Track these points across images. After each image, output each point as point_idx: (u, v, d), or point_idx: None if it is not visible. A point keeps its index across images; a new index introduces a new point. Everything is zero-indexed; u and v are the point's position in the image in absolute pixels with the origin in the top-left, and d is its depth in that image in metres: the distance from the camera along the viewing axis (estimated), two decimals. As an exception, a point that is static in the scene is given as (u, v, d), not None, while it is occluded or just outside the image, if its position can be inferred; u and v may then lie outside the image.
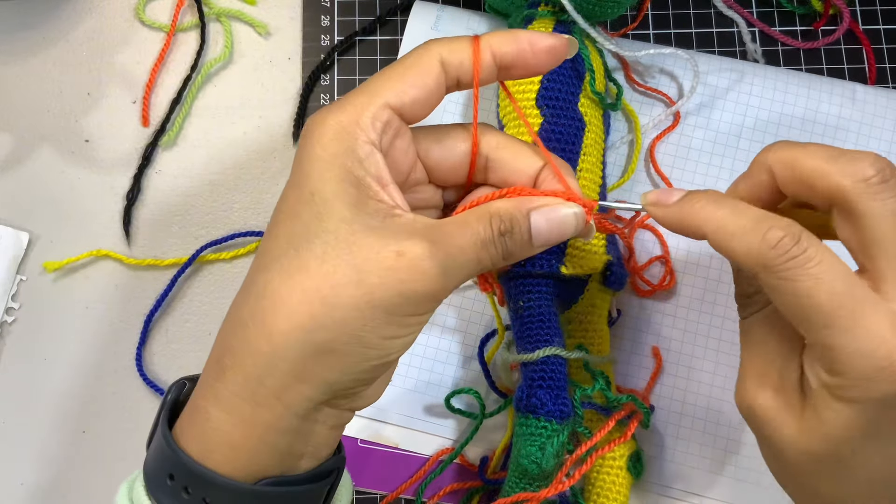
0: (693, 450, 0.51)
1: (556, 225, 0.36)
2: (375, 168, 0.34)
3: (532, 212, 0.36)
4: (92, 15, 0.61)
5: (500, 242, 0.35)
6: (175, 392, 0.37)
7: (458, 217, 0.35)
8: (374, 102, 0.34)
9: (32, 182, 0.58)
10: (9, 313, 0.56)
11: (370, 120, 0.34)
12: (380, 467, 0.52)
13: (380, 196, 0.34)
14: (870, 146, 0.55)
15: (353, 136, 0.34)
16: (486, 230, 0.35)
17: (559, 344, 0.46)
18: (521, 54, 0.36)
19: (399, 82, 0.35)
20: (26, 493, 0.54)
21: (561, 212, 0.36)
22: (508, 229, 0.35)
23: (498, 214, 0.35)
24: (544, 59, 0.36)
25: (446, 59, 0.35)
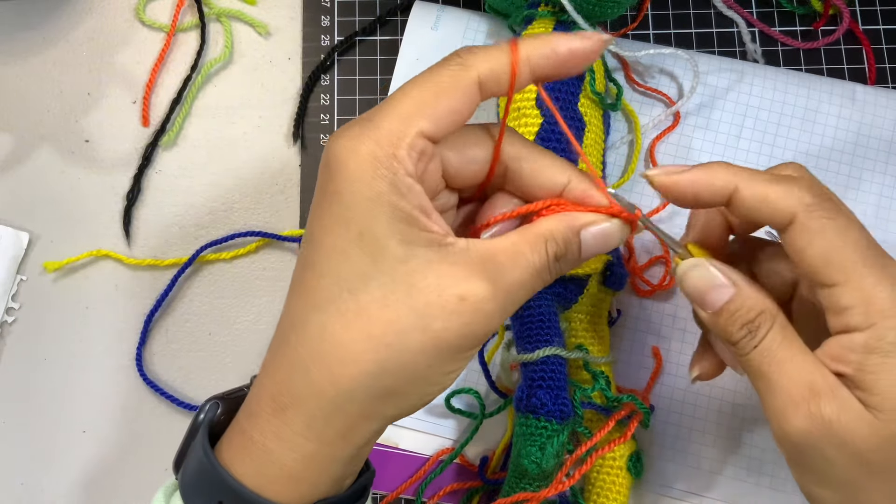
0: (693, 450, 0.51)
1: (603, 240, 0.36)
2: (418, 199, 0.33)
3: (582, 230, 0.36)
4: (92, 15, 0.61)
5: (554, 268, 0.35)
6: (210, 413, 0.37)
7: (510, 245, 0.34)
8: (409, 132, 0.33)
9: (32, 182, 0.58)
10: (9, 313, 0.56)
11: (407, 151, 0.33)
12: (380, 467, 0.52)
13: (429, 227, 0.33)
14: (869, 146, 0.55)
15: (393, 170, 0.32)
16: (541, 258, 0.34)
17: (559, 344, 0.46)
18: (561, 65, 0.35)
19: (433, 107, 0.33)
20: (26, 493, 0.54)
21: (607, 227, 0.36)
22: (563, 253, 0.35)
23: (553, 238, 0.35)
24: (584, 63, 0.35)
25: (484, 80, 0.34)
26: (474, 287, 0.33)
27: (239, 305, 0.56)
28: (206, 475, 0.35)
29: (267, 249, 0.57)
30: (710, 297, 0.37)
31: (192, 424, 0.37)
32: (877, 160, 0.54)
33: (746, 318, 0.36)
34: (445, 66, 0.34)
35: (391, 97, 0.34)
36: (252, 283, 0.57)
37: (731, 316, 0.36)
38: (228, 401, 0.37)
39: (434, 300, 0.32)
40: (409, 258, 0.32)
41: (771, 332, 0.36)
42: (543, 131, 0.48)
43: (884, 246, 0.36)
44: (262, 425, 0.34)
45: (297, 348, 0.33)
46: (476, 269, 0.33)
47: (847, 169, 0.54)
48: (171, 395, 0.54)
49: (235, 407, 0.37)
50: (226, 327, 0.56)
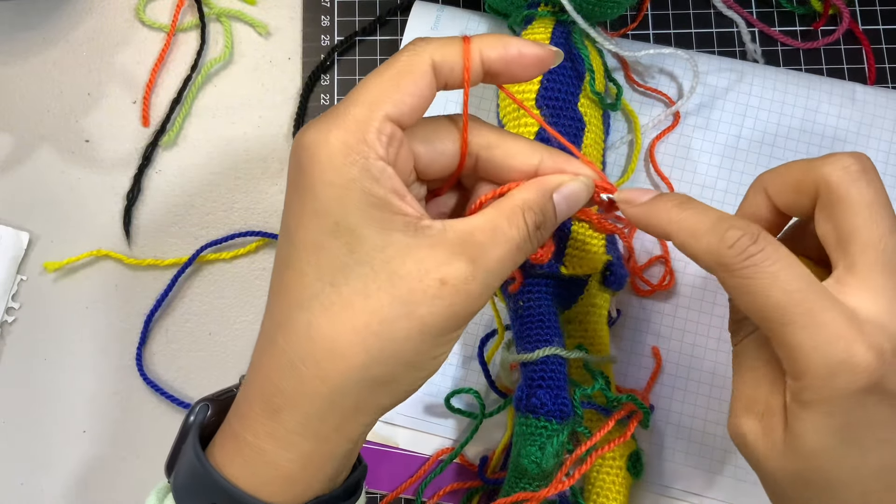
0: (693, 450, 0.51)
1: (574, 200, 0.37)
2: (391, 182, 0.33)
3: (554, 193, 0.36)
4: (92, 15, 0.61)
5: (535, 237, 0.35)
6: (200, 415, 0.37)
7: (486, 221, 0.34)
8: (375, 116, 0.33)
9: (32, 182, 0.58)
10: (9, 313, 0.56)
11: (376, 135, 0.33)
12: (379, 467, 0.52)
13: (404, 210, 0.33)
14: (870, 146, 0.55)
15: (363, 155, 0.33)
16: (520, 231, 0.35)
17: (559, 344, 0.46)
18: (509, 64, 0.36)
19: (395, 91, 0.34)
20: (26, 493, 0.54)
21: (574, 186, 0.37)
22: (542, 221, 0.36)
23: (530, 208, 0.35)
24: (532, 69, 0.36)
25: (438, 63, 0.35)
26: (455, 269, 0.33)
27: (239, 305, 0.56)
28: (198, 478, 0.35)
29: (267, 249, 0.57)
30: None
31: (183, 426, 0.37)
32: (877, 160, 0.54)
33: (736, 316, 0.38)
34: (401, 54, 0.35)
35: (354, 90, 0.35)
36: (252, 283, 0.57)
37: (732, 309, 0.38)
38: (218, 402, 0.37)
39: (416, 286, 0.32)
40: (386, 245, 0.33)
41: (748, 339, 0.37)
42: (543, 130, 0.48)
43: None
44: (255, 427, 0.34)
45: (284, 348, 0.33)
46: (455, 249, 0.33)
47: (847, 169, 0.54)
48: (171, 395, 0.54)
49: (226, 408, 0.37)
50: (226, 327, 0.56)
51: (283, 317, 0.34)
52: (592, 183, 0.38)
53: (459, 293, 0.33)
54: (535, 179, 0.37)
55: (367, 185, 0.33)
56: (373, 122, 0.33)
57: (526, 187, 0.36)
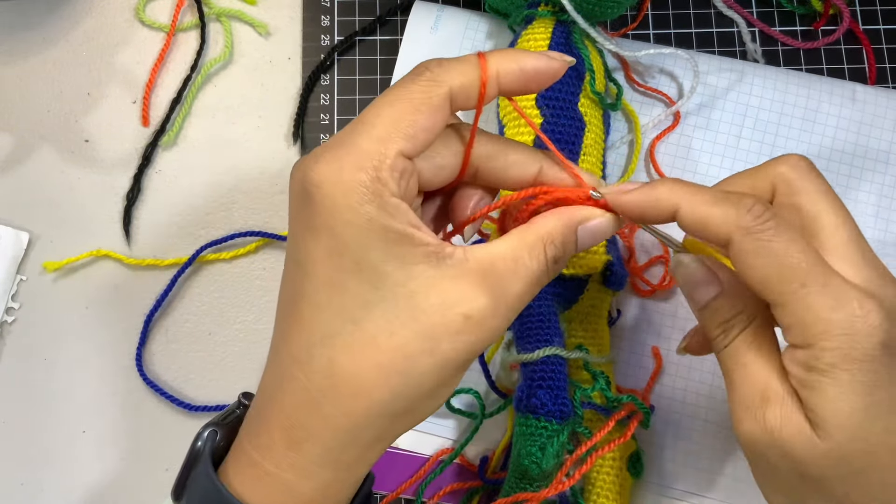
0: (693, 450, 0.51)
1: (599, 235, 0.37)
2: (406, 217, 0.33)
3: (580, 227, 0.36)
4: (92, 15, 0.61)
5: (552, 270, 0.35)
6: (210, 442, 0.36)
7: (508, 250, 0.34)
8: (388, 153, 0.33)
9: (32, 182, 0.58)
10: (9, 313, 0.56)
11: (389, 173, 0.33)
12: (380, 467, 0.52)
13: (424, 240, 0.33)
14: (869, 146, 0.55)
15: (378, 193, 0.32)
16: (539, 264, 0.35)
17: (559, 344, 0.46)
18: (526, 82, 0.36)
19: (410, 125, 0.33)
20: (26, 493, 0.54)
21: (602, 224, 0.37)
22: (561, 255, 0.35)
23: (552, 241, 0.35)
24: (546, 82, 0.36)
25: (455, 94, 0.34)
26: (477, 304, 0.33)
27: (239, 305, 0.56)
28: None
29: (267, 249, 0.57)
30: (697, 293, 0.38)
31: (191, 453, 0.37)
32: (877, 160, 0.54)
33: (723, 318, 0.37)
34: (416, 80, 0.34)
35: (364, 117, 0.34)
36: (252, 283, 0.57)
37: (713, 314, 0.37)
38: (225, 426, 0.37)
39: (439, 321, 0.33)
40: (408, 279, 0.33)
41: (743, 334, 0.36)
42: (543, 130, 0.48)
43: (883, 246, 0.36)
44: (276, 458, 0.34)
45: (306, 385, 0.34)
46: (477, 281, 0.33)
47: (847, 169, 0.54)
48: (171, 395, 0.54)
49: (230, 432, 0.37)
50: (226, 327, 0.56)
51: (301, 352, 0.34)
52: (620, 220, 0.37)
53: (482, 329, 0.33)
54: (560, 210, 0.36)
55: (386, 223, 0.32)
56: (386, 160, 0.33)
57: (550, 216, 0.36)
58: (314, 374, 0.33)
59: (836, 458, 0.33)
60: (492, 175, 0.37)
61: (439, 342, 0.33)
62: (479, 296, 0.33)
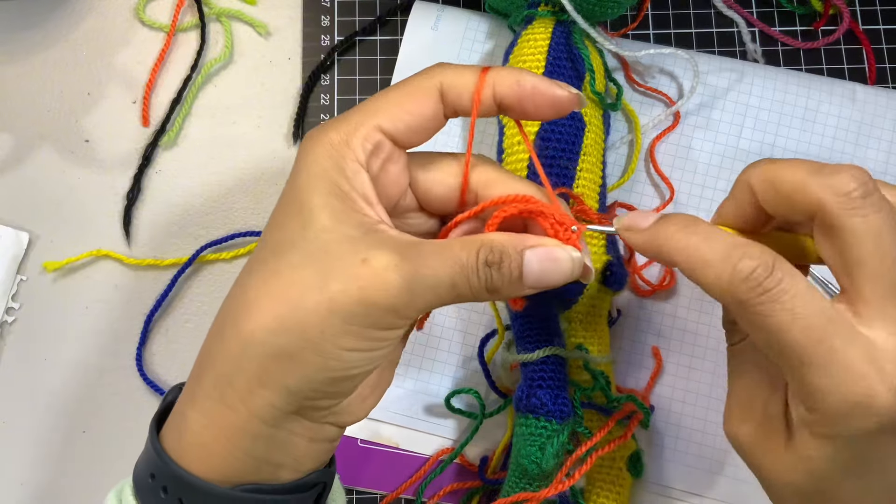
0: (693, 450, 0.51)
1: (551, 267, 0.34)
2: (361, 186, 0.34)
3: (527, 250, 0.34)
4: (92, 15, 0.61)
5: (483, 272, 0.33)
6: (172, 395, 0.38)
7: (442, 240, 0.34)
8: (366, 123, 0.35)
9: (32, 182, 0.58)
10: (9, 313, 0.56)
11: (360, 140, 0.34)
12: (380, 467, 0.52)
13: (365, 211, 0.34)
14: (869, 146, 0.55)
15: (341, 153, 0.34)
16: (469, 257, 0.33)
17: (559, 344, 0.46)
18: (521, 101, 0.35)
19: (396, 107, 0.35)
20: (26, 493, 0.54)
21: (557, 253, 0.34)
22: (496, 261, 0.33)
23: (488, 245, 0.34)
24: (546, 110, 0.35)
25: (446, 88, 0.35)
26: (381, 255, 0.33)
27: (239, 305, 0.56)
28: (147, 451, 0.36)
29: (267, 249, 0.57)
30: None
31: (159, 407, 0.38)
32: (877, 160, 0.55)
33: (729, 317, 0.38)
34: (414, 75, 0.36)
35: (368, 99, 0.36)
36: (252, 283, 0.57)
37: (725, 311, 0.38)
38: None
39: (337, 263, 0.33)
40: (333, 231, 0.33)
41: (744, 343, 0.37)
42: (543, 131, 0.48)
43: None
44: (184, 394, 0.36)
45: (223, 313, 0.35)
46: (394, 245, 0.33)
47: (847, 169, 0.54)
48: (171, 395, 0.54)
49: None
50: (226, 327, 0.56)
51: (236, 286, 0.35)
52: (581, 262, 0.35)
53: (376, 278, 0.32)
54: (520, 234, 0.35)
55: (335, 177, 0.34)
56: (361, 128, 0.35)
57: (502, 233, 0.35)
58: (231, 302, 0.35)
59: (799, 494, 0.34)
60: None
61: (331, 280, 0.32)
62: (387, 251, 0.33)
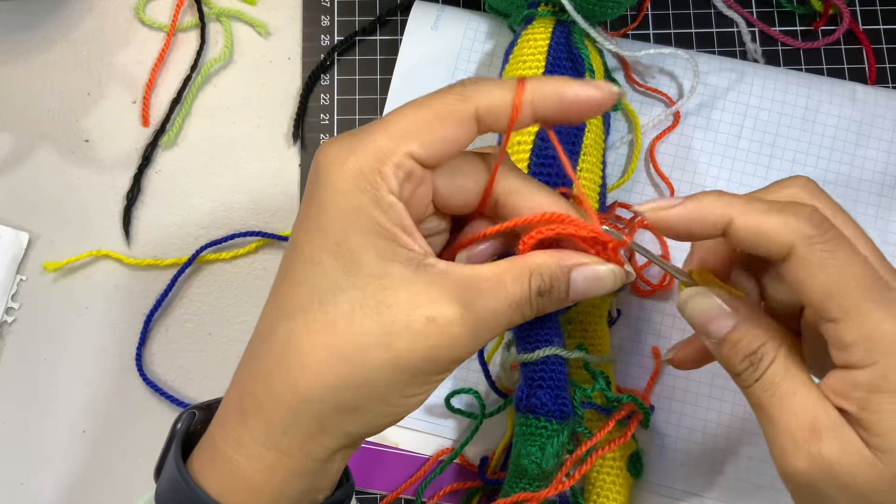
0: (693, 450, 0.51)
1: (595, 284, 0.35)
2: (399, 218, 0.33)
3: (573, 271, 0.35)
4: (92, 15, 0.61)
5: (536, 302, 0.34)
6: (186, 423, 0.37)
7: (492, 273, 0.33)
8: (398, 150, 0.32)
9: (32, 182, 0.58)
10: (9, 313, 0.56)
11: (393, 169, 0.32)
12: (380, 467, 0.52)
13: (408, 245, 0.33)
14: (869, 146, 0.55)
15: (375, 186, 0.32)
16: (522, 291, 0.34)
17: (559, 344, 0.46)
18: (563, 112, 0.34)
19: (429, 132, 0.33)
20: (26, 493, 0.54)
21: (600, 271, 0.35)
22: (548, 289, 0.34)
23: (539, 272, 0.34)
24: (588, 115, 0.35)
25: (483, 114, 0.33)
26: (444, 309, 0.32)
27: (239, 305, 0.56)
28: (176, 486, 0.34)
29: (267, 249, 0.57)
30: (713, 327, 0.36)
31: (170, 434, 0.37)
32: (877, 160, 0.55)
33: (748, 350, 0.35)
34: (446, 93, 0.34)
35: (388, 115, 0.34)
36: (252, 283, 0.57)
37: (734, 347, 0.35)
38: (206, 410, 0.37)
39: (401, 318, 0.32)
40: (383, 274, 0.32)
41: (773, 365, 0.34)
42: (543, 131, 0.48)
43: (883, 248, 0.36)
44: (226, 432, 0.34)
45: (263, 355, 0.33)
46: (450, 292, 0.32)
47: (847, 169, 0.54)
48: (171, 395, 0.54)
49: (212, 414, 0.37)
50: (226, 327, 0.56)
51: (270, 325, 0.34)
52: (623, 274, 0.36)
53: (443, 335, 0.32)
54: (561, 250, 0.35)
55: (375, 215, 0.32)
56: (393, 157, 0.32)
57: (544, 252, 0.35)
58: (273, 345, 0.33)
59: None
60: (511, 212, 0.36)
61: (396, 339, 0.32)
62: (449, 304, 0.32)
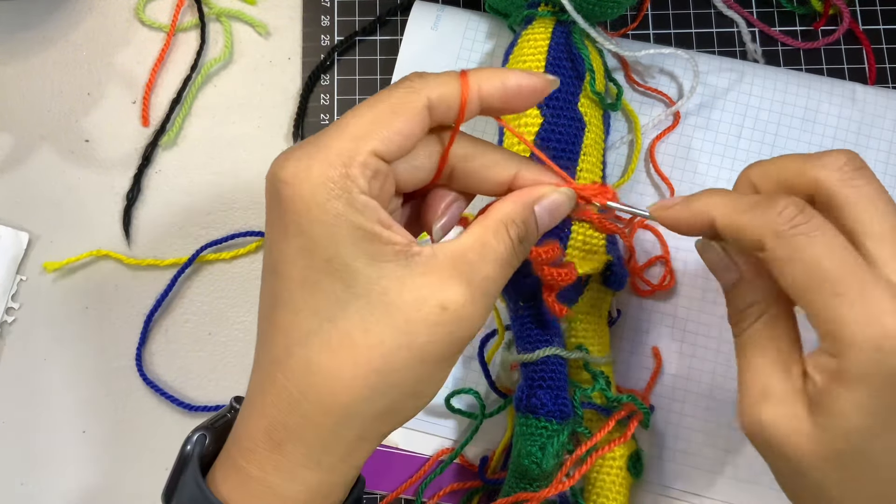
0: (693, 450, 0.51)
1: (556, 212, 0.38)
2: (376, 215, 0.33)
3: (535, 205, 0.37)
4: (92, 15, 0.61)
5: (519, 251, 0.36)
6: (199, 446, 0.36)
7: (474, 239, 0.35)
8: (361, 151, 0.33)
9: (32, 182, 0.58)
10: (9, 313, 0.56)
11: (360, 170, 0.33)
12: (380, 467, 0.52)
13: (392, 239, 0.33)
14: (869, 146, 0.55)
15: (346, 189, 0.32)
16: (506, 245, 0.35)
17: (559, 344, 0.46)
18: (508, 99, 0.36)
19: (384, 128, 0.33)
20: (26, 493, 0.54)
21: (556, 199, 0.37)
22: (525, 234, 0.36)
23: (512, 220, 0.36)
24: (530, 101, 0.36)
25: (434, 104, 0.34)
26: (452, 293, 0.33)
27: (239, 305, 0.56)
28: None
29: (267, 249, 0.57)
30: (722, 276, 0.38)
31: (180, 457, 0.37)
32: (877, 160, 0.55)
33: (739, 306, 0.37)
34: (396, 89, 0.34)
35: (339, 120, 0.34)
36: (252, 283, 0.57)
37: (733, 299, 0.38)
38: (215, 430, 0.37)
39: (414, 316, 0.32)
40: (380, 277, 0.33)
41: (753, 327, 0.36)
42: (543, 131, 0.48)
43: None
44: (260, 461, 0.34)
45: (285, 385, 0.33)
46: (448, 273, 0.33)
47: (847, 169, 0.54)
48: (171, 395, 0.54)
49: (221, 436, 0.37)
50: (226, 327, 0.56)
51: (281, 354, 0.34)
52: (574, 193, 0.38)
53: (458, 317, 0.33)
54: (515, 192, 0.37)
55: (354, 219, 0.32)
56: (357, 157, 0.33)
57: (506, 200, 0.36)
58: (293, 374, 0.33)
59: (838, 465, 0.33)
60: (468, 177, 0.37)
61: (416, 336, 0.33)
62: (453, 286, 0.33)
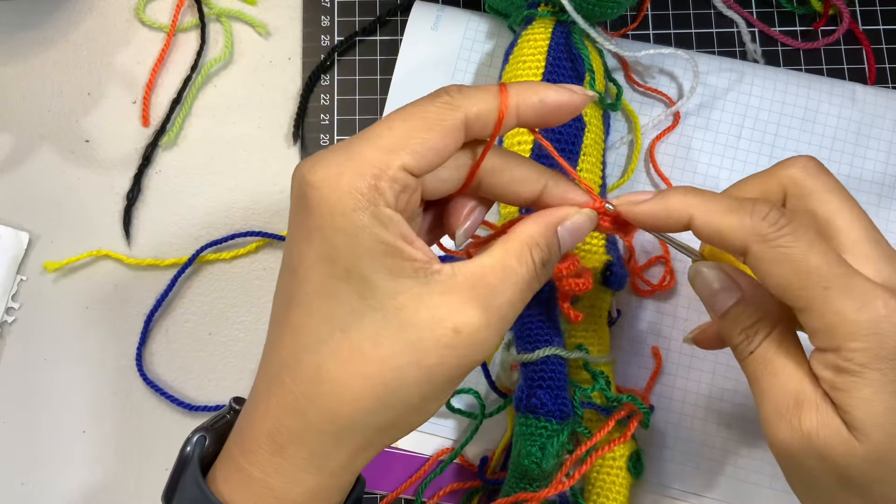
0: (693, 450, 0.51)
1: (577, 234, 0.37)
2: (399, 229, 0.33)
3: (559, 227, 0.36)
4: (92, 15, 0.61)
5: (542, 274, 0.35)
6: (199, 447, 0.36)
7: (496, 261, 0.34)
8: (392, 165, 0.32)
9: (32, 182, 0.58)
10: (9, 313, 0.56)
11: (389, 184, 0.32)
12: (379, 467, 0.52)
13: (413, 255, 0.33)
14: (869, 146, 0.55)
15: (373, 202, 0.32)
16: (529, 269, 0.35)
17: (559, 344, 0.46)
18: (545, 116, 0.35)
19: (419, 144, 0.33)
20: (26, 493, 0.54)
21: (578, 220, 0.37)
22: (548, 257, 0.35)
23: (536, 243, 0.35)
24: (567, 117, 0.36)
25: (471, 122, 0.34)
26: (467, 317, 0.33)
27: (239, 305, 0.56)
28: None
29: (267, 249, 0.57)
30: (717, 301, 0.38)
31: (180, 458, 0.36)
32: (877, 160, 0.55)
33: (745, 324, 0.37)
34: (434, 101, 0.34)
35: (374, 127, 0.33)
36: (252, 283, 0.57)
37: (734, 321, 0.37)
38: (215, 431, 0.37)
39: (428, 335, 0.32)
40: (397, 292, 0.32)
41: (768, 340, 0.36)
42: (543, 131, 0.48)
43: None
44: (262, 463, 0.34)
45: (292, 388, 0.34)
46: (466, 295, 0.33)
47: (847, 169, 0.54)
48: (171, 395, 0.54)
49: (221, 437, 0.37)
50: (226, 327, 0.56)
51: (290, 357, 0.34)
52: (596, 214, 0.38)
53: (471, 342, 0.33)
54: (538, 213, 0.37)
55: (377, 233, 0.32)
56: (388, 171, 0.32)
57: (529, 222, 0.36)
58: (301, 379, 0.33)
59: (875, 460, 0.33)
60: (495, 189, 0.37)
61: (427, 356, 0.32)
62: (469, 309, 0.33)
